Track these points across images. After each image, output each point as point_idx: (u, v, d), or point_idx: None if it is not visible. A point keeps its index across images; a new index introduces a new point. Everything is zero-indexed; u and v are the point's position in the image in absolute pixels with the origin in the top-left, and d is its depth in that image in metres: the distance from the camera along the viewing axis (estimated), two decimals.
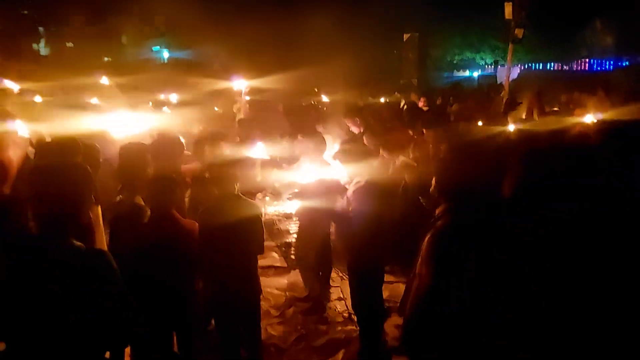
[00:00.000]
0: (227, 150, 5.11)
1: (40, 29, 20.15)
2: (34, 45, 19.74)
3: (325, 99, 10.85)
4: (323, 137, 5.74)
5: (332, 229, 5.50)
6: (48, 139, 5.39)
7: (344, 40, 17.63)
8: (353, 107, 7.65)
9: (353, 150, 4.48)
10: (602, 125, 5.42)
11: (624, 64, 21.63)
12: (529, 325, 3.27)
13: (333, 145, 5.94)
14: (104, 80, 8.80)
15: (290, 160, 5.87)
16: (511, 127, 6.59)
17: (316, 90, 12.95)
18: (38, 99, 8.56)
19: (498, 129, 6.31)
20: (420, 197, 3.73)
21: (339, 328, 5.01)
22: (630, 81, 13.73)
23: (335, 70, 14.34)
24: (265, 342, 4.73)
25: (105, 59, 19.74)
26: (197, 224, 3.71)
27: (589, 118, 6.45)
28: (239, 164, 4.10)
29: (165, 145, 4.79)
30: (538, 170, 4.45)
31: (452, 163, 2.91)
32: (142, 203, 3.94)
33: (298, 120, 8.94)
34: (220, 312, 3.96)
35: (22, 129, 4.68)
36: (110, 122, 6.35)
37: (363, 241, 4.17)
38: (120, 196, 4.02)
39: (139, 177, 4.00)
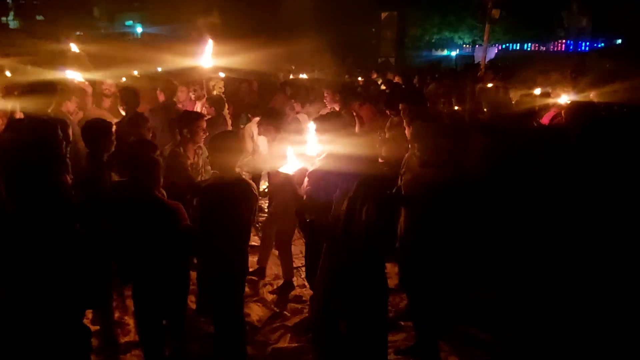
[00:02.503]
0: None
1: (9, 1, 19.50)
2: (2, 18, 19.13)
3: (303, 76, 10.74)
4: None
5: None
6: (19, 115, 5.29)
7: (321, 18, 17.47)
8: (333, 85, 7.62)
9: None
10: (574, 107, 5.48)
11: (599, 45, 21.92)
12: None
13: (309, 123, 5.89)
14: (73, 47, 8.51)
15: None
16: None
17: (293, 67, 12.84)
18: (8, 74, 8.31)
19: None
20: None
21: None
22: (605, 63, 13.90)
23: (312, 48, 14.20)
24: None
25: (77, 32, 19.22)
26: (180, 206, 3.63)
27: (563, 99, 6.52)
28: (239, 140, 4.00)
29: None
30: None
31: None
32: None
33: (272, 98, 8.85)
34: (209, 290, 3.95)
35: None
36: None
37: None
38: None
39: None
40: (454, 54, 24.34)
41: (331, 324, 3.59)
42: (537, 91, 7.31)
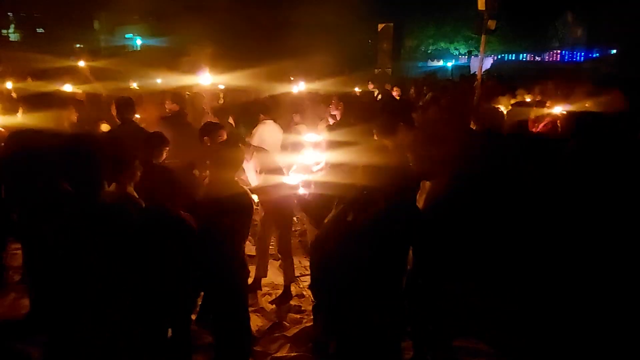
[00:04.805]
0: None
1: (10, 13, 19.57)
2: (3, 31, 19.19)
3: (303, 87, 10.79)
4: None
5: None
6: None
7: (319, 30, 17.59)
8: (338, 94, 7.75)
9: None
10: (570, 117, 5.52)
11: (594, 55, 22.07)
12: None
13: (308, 133, 5.96)
14: (81, 63, 8.68)
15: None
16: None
17: (292, 79, 12.89)
18: (9, 85, 8.38)
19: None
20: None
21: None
22: (600, 72, 13.98)
23: (310, 59, 14.29)
24: None
25: (77, 45, 19.34)
26: (191, 217, 3.66)
27: (558, 109, 6.56)
28: (239, 152, 4.04)
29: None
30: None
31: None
32: (135, 194, 3.89)
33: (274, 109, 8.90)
34: (210, 299, 3.96)
35: None
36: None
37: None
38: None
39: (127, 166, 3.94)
40: (449, 64, 24.44)
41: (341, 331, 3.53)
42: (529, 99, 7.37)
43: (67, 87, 7.75)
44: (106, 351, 3.91)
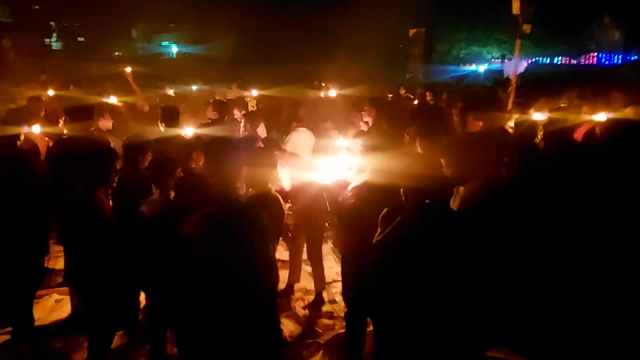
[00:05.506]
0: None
1: (52, 23, 20.24)
2: (46, 40, 19.83)
3: (334, 93, 10.84)
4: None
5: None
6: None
7: (350, 36, 17.62)
8: (370, 100, 7.76)
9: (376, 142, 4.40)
10: (610, 124, 5.38)
11: (632, 58, 21.52)
12: None
13: (340, 139, 5.99)
14: (127, 69, 8.94)
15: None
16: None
17: (323, 84, 12.93)
18: (51, 92, 8.64)
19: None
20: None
21: None
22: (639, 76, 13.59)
23: (341, 65, 14.32)
24: None
25: (116, 53, 19.88)
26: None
27: (598, 116, 6.38)
28: (273, 158, 4.14)
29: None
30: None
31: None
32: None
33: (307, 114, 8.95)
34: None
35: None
36: None
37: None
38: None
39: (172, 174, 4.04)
40: (481, 68, 23.97)
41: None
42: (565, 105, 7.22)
43: (112, 99, 7.95)
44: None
